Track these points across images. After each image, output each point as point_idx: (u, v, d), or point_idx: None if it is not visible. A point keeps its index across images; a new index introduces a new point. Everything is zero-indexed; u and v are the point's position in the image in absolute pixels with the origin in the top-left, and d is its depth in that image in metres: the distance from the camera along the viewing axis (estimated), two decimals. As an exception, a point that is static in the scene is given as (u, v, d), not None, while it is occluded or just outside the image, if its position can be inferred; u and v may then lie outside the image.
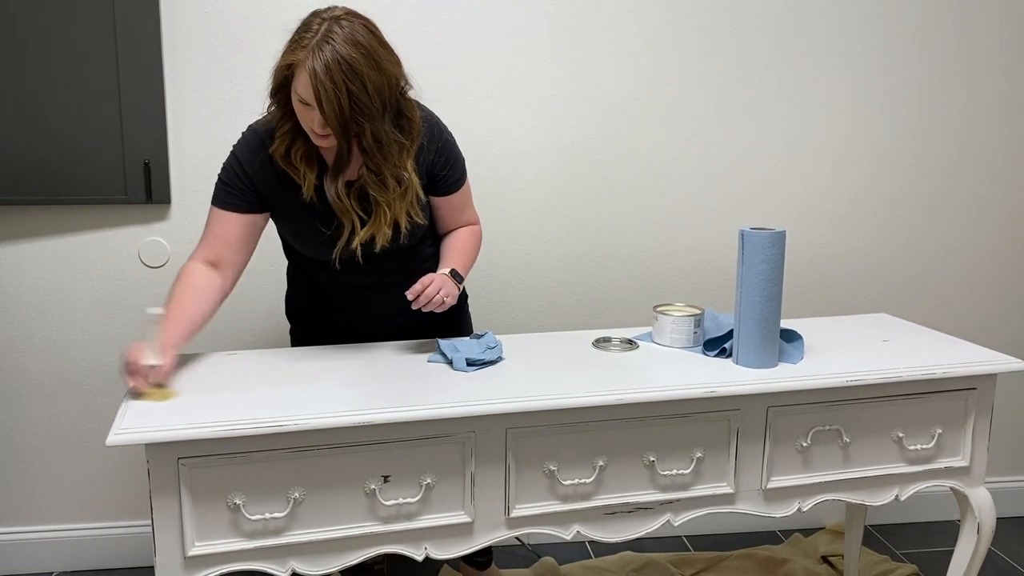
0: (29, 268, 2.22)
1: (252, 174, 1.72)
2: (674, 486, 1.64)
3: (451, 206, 1.87)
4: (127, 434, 1.36)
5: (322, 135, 1.61)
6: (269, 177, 1.72)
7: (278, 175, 1.72)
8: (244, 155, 1.73)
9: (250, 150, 1.72)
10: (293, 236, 1.82)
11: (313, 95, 1.54)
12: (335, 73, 1.53)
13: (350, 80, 1.54)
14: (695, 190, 2.44)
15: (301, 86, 1.57)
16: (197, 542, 1.42)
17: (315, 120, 1.58)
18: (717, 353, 1.78)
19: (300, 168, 1.69)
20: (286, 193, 1.73)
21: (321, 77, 1.52)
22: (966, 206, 2.58)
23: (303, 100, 1.58)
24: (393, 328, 1.89)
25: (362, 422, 1.43)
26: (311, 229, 1.75)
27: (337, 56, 1.53)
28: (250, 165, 1.72)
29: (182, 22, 2.16)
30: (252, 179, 1.72)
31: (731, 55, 2.38)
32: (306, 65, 1.54)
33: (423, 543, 1.53)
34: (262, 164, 1.71)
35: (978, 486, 1.81)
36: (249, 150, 1.73)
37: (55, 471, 2.33)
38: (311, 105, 1.57)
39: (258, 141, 1.72)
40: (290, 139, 1.68)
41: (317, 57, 1.53)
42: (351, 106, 1.55)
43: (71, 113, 2.11)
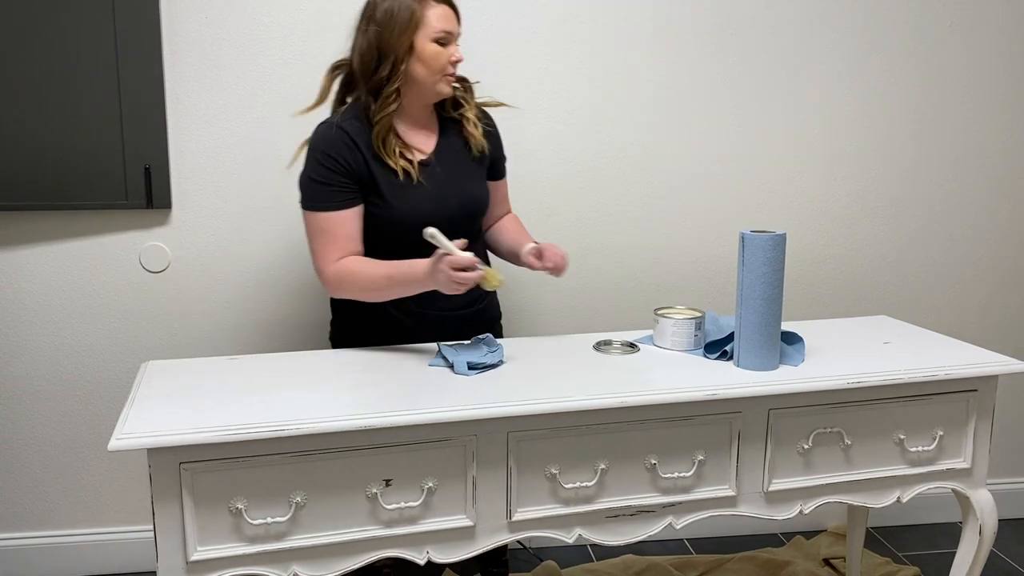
0: (30, 273, 2.22)
1: (342, 159, 1.77)
2: (676, 489, 1.63)
3: (499, 192, 2.02)
4: (129, 439, 1.36)
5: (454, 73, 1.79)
6: (357, 157, 1.78)
7: (363, 155, 1.78)
8: (334, 149, 1.77)
9: (330, 139, 1.78)
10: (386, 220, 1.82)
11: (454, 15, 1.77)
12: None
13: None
14: (695, 193, 2.44)
15: (440, 21, 1.75)
16: (199, 547, 1.42)
17: (457, 52, 1.78)
18: (718, 356, 1.78)
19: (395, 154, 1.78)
20: (372, 170, 1.79)
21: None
22: (966, 208, 2.58)
23: (442, 38, 1.75)
24: (451, 320, 1.90)
25: (364, 426, 1.43)
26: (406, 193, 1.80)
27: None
28: (337, 152, 1.77)
29: (182, 27, 2.16)
30: (345, 165, 1.77)
31: (731, 59, 2.39)
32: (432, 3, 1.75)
33: (425, 547, 1.53)
34: (347, 146, 1.77)
35: (980, 488, 1.81)
36: (329, 139, 1.78)
37: (57, 476, 2.33)
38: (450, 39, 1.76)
39: (334, 128, 1.79)
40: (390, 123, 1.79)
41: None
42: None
43: (72, 118, 2.11)
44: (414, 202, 1.81)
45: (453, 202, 1.86)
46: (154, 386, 1.60)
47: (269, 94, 2.22)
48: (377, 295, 1.79)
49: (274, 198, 2.27)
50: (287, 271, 2.31)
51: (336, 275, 1.77)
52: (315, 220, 1.78)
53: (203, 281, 2.28)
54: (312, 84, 2.23)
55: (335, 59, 2.12)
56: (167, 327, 2.29)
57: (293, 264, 2.31)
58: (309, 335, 2.34)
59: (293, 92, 2.23)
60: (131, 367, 2.27)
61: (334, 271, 1.77)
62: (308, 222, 1.80)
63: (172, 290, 2.27)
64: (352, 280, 1.77)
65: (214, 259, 2.27)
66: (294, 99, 2.23)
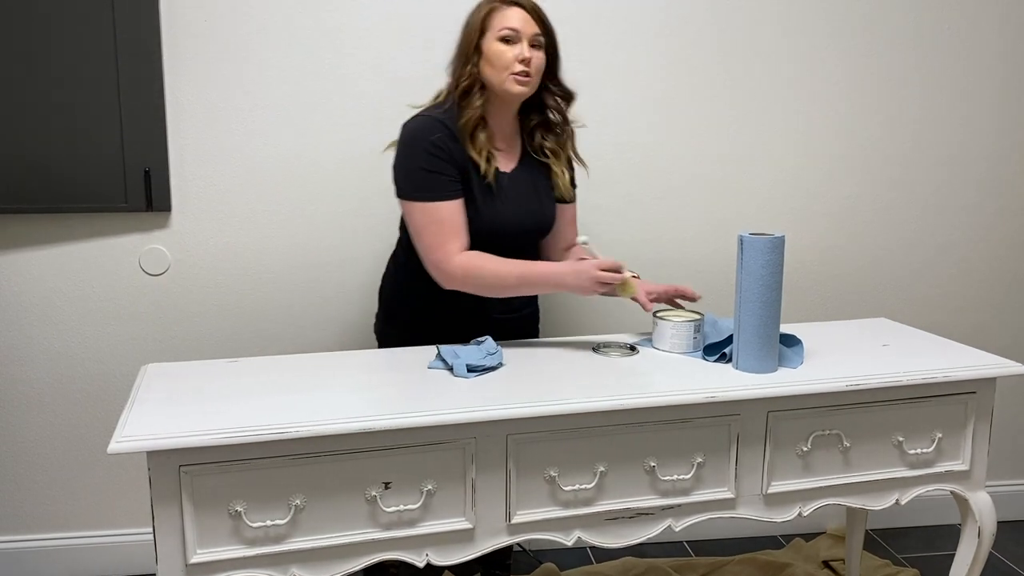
0: (29, 276, 2.22)
1: (447, 149, 1.78)
2: (675, 491, 1.64)
3: (567, 217, 2.01)
4: (128, 442, 1.36)
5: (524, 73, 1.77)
6: (455, 151, 1.79)
7: (460, 152, 1.80)
8: (428, 135, 1.78)
9: (431, 130, 1.78)
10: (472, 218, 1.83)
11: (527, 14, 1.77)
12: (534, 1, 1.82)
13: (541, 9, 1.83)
14: (694, 195, 2.44)
15: (509, 18, 1.77)
16: (199, 550, 1.42)
17: (524, 48, 1.76)
18: (717, 358, 1.78)
19: (482, 151, 1.79)
20: (470, 174, 1.81)
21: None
22: (965, 210, 2.58)
23: (509, 36, 1.76)
24: (514, 321, 1.96)
25: (363, 429, 1.43)
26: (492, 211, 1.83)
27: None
28: (440, 140, 1.78)
29: (182, 30, 2.17)
30: (453, 160, 1.78)
31: (729, 61, 2.39)
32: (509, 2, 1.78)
33: (424, 549, 1.53)
34: (447, 140, 1.78)
35: (978, 490, 1.81)
36: (430, 130, 1.78)
37: (56, 479, 2.33)
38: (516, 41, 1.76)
39: (435, 122, 1.80)
40: (476, 121, 1.80)
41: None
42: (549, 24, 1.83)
43: (71, 121, 2.12)
44: (496, 211, 1.84)
45: (529, 218, 1.90)
46: (154, 389, 1.60)
47: (269, 97, 2.23)
48: (501, 292, 1.82)
49: (274, 201, 2.27)
50: (287, 274, 2.31)
51: (464, 268, 1.77)
52: (428, 211, 1.77)
53: (203, 284, 2.28)
54: (311, 87, 2.25)
55: (335, 63, 2.14)
56: (167, 330, 2.29)
57: (293, 267, 2.31)
58: (309, 337, 2.34)
59: (293, 95, 2.23)
60: (131, 370, 2.27)
61: (461, 264, 1.77)
62: (417, 214, 1.78)
63: (172, 293, 2.27)
64: (480, 274, 1.77)
65: (214, 262, 2.28)
66: (294, 102, 2.24)
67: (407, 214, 1.83)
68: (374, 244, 2.31)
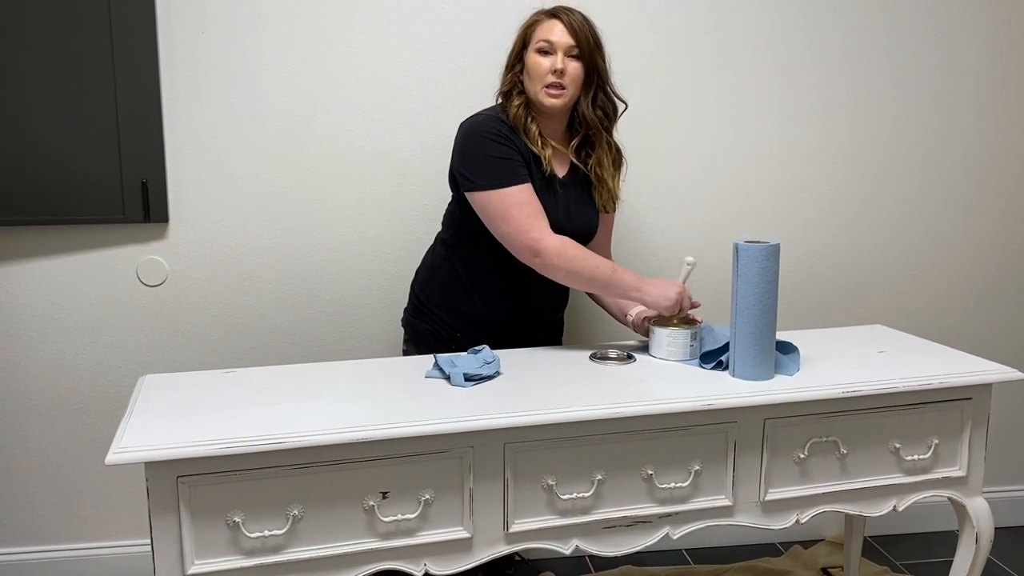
0: (27, 288, 2.22)
1: (509, 140, 1.84)
2: (672, 499, 1.64)
3: (609, 227, 2.09)
4: (126, 453, 1.36)
5: (557, 85, 1.82)
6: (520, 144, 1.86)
7: (519, 146, 1.85)
8: (493, 127, 1.84)
9: (493, 122, 1.85)
10: None
11: (564, 28, 1.82)
12: (579, 15, 1.86)
13: (590, 24, 1.87)
14: (690, 203, 2.45)
15: (545, 30, 1.84)
16: (197, 560, 1.42)
17: (557, 60, 1.81)
18: (714, 366, 1.78)
19: (536, 141, 1.85)
20: (530, 166, 1.86)
21: (570, 14, 1.85)
22: (961, 217, 2.59)
23: (546, 47, 1.82)
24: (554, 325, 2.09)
25: (360, 438, 1.44)
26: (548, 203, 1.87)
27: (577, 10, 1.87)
28: (503, 131, 1.84)
29: (179, 40, 2.18)
30: (517, 148, 1.85)
31: (726, 69, 2.40)
32: (551, 13, 1.85)
33: (422, 559, 1.53)
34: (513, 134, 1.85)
35: (976, 496, 1.82)
36: (492, 122, 1.85)
37: (54, 490, 2.33)
38: (551, 52, 1.82)
39: (493, 119, 1.87)
40: (525, 116, 1.86)
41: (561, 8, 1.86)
42: (593, 39, 1.85)
43: (68, 132, 2.12)
44: (554, 209, 1.89)
45: (577, 222, 1.95)
46: (151, 400, 1.60)
47: (266, 108, 2.23)
48: (587, 282, 1.86)
49: (271, 211, 2.28)
50: (284, 284, 2.31)
51: (560, 246, 1.81)
52: (508, 196, 1.81)
53: (200, 294, 2.28)
54: (308, 98, 2.25)
55: (332, 74, 2.14)
56: (164, 341, 2.29)
57: (290, 277, 2.31)
58: (307, 347, 2.34)
59: (290, 106, 2.24)
60: (128, 381, 2.27)
61: (557, 242, 1.81)
62: (496, 202, 1.81)
63: (169, 304, 2.28)
64: (574, 257, 1.82)
65: (211, 272, 2.28)
66: (291, 113, 2.25)
67: (483, 206, 1.84)
68: (372, 254, 2.32)
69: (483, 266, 1.96)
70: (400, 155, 2.31)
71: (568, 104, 1.88)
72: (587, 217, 1.99)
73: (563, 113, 1.92)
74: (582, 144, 1.95)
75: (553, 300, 2.04)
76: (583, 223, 1.98)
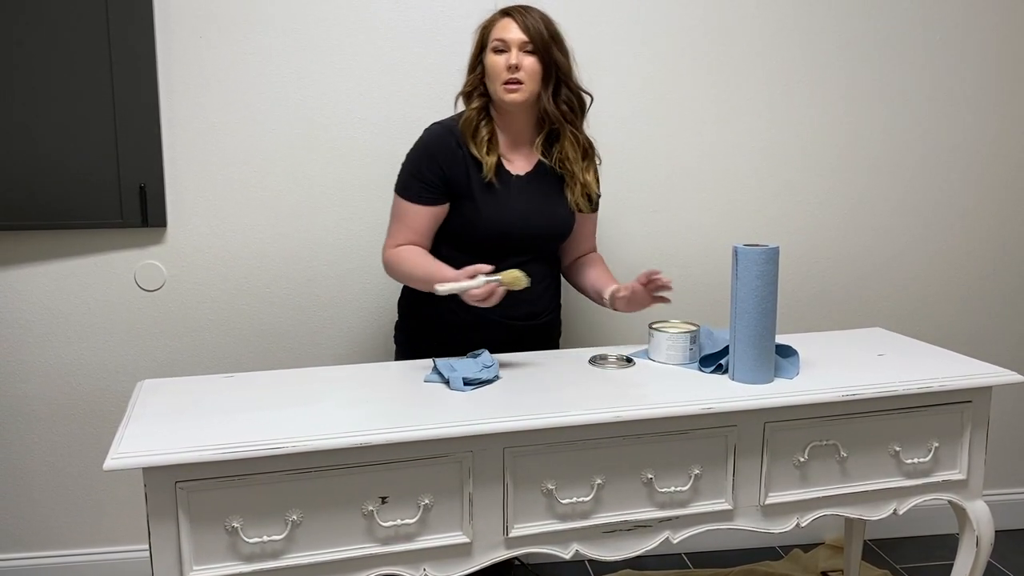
0: (25, 293, 2.22)
1: (441, 158, 1.87)
2: (672, 503, 1.63)
3: (588, 227, 2.06)
4: (124, 458, 1.36)
5: (514, 81, 1.81)
6: (457, 158, 1.88)
7: (465, 156, 1.88)
8: (432, 142, 1.90)
9: (436, 138, 1.90)
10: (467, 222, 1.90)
11: (515, 24, 1.83)
12: (534, 12, 1.86)
13: (547, 21, 1.86)
14: (689, 206, 2.45)
15: (498, 29, 1.85)
16: (195, 566, 1.42)
17: (511, 56, 1.81)
18: (713, 369, 1.78)
19: (482, 148, 1.87)
20: (470, 174, 1.87)
21: (522, 12, 1.85)
22: (960, 219, 2.59)
23: (499, 45, 1.83)
24: (535, 329, 1.99)
25: (360, 443, 1.43)
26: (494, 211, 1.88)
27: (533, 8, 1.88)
28: (438, 150, 1.88)
29: (177, 45, 2.17)
30: (440, 165, 1.87)
31: (725, 73, 2.40)
32: (504, 11, 1.86)
33: (422, 564, 1.52)
34: (450, 147, 1.88)
35: (976, 499, 1.81)
36: (435, 138, 1.90)
37: (52, 496, 2.32)
38: (505, 50, 1.82)
39: (444, 130, 1.91)
40: (476, 119, 1.88)
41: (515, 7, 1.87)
42: (549, 34, 1.85)
43: (66, 137, 2.12)
44: (499, 210, 1.88)
45: (538, 221, 1.93)
46: (150, 405, 1.59)
47: (264, 112, 2.23)
48: (416, 285, 1.88)
49: (270, 215, 2.27)
50: (283, 289, 2.31)
51: (391, 257, 1.90)
52: (397, 204, 1.92)
53: (199, 299, 2.28)
54: (306, 101, 2.25)
55: (331, 77, 2.13)
56: (163, 345, 2.29)
57: (289, 282, 2.31)
58: (306, 352, 2.34)
59: (288, 111, 2.24)
60: (127, 386, 2.26)
61: (391, 254, 1.90)
62: (393, 203, 1.93)
63: (167, 308, 2.27)
64: (400, 264, 1.88)
65: (210, 277, 2.28)
66: (288, 118, 2.25)
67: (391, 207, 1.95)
68: (371, 258, 2.31)
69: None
70: (400, 159, 2.30)
71: (529, 99, 1.86)
72: (555, 216, 1.95)
73: (527, 110, 1.89)
74: (549, 140, 1.94)
75: (527, 307, 1.95)
76: (549, 222, 1.95)
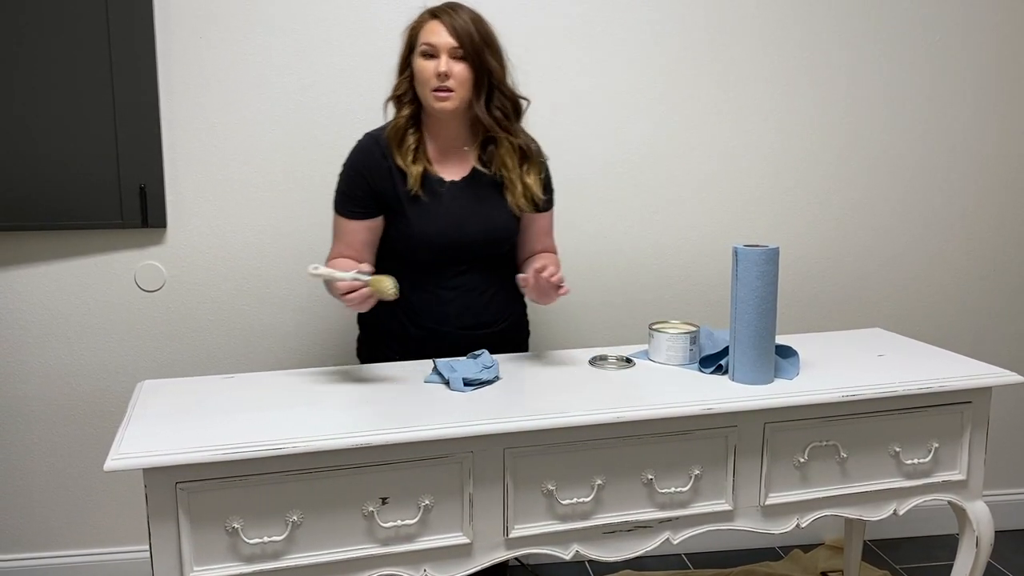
0: (25, 294, 2.22)
1: (367, 174, 1.83)
2: (672, 504, 1.63)
3: (539, 226, 1.97)
4: (125, 459, 1.36)
5: (443, 88, 1.75)
6: (383, 171, 1.83)
7: (391, 169, 1.83)
8: (359, 158, 1.86)
9: (363, 151, 1.86)
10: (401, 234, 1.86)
11: (444, 28, 1.74)
12: (464, 13, 1.78)
13: (478, 22, 1.78)
14: (689, 207, 2.45)
15: (427, 32, 1.76)
16: (196, 567, 1.42)
17: (441, 62, 1.74)
18: (713, 370, 1.78)
19: (407, 157, 1.81)
20: (398, 187, 1.83)
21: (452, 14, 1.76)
22: (960, 219, 2.59)
23: (428, 49, 1.75)
24: (482, 339, 1.91)
25: (360, 444, 1.43)
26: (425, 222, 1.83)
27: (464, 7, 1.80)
28: (365, 166, 1.84)
29: (177, 46, 2.17)
30: (368, 180, 1.83)
31: (725, 74, 2.40)
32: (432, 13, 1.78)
33: (422, 565, 1.52)
34: (376, 161, 1.84)
35: (976, 499, 1.81)
36: (363, 151, 1.86)
37: (52, 497, 2.32)
38: (435, 55, 1.74)
39: (371, 141, 1.86)
40: (403, 127, 1.82)
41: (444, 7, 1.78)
42: (481, 37, 1.77)
43: (66, 138, 2.12)
44: (429, 219, 1.84)
45: (475, 227, 1.87)
46: (150, 405, 1.59)
47: (264, 113, 2.23)
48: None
49: (270, 216, 2.27)
50: (283, 289, 2.31)
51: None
52: (334, 219, 1.89)
53: (198, 300, 2.28)
54: (306, 102, 2.25)
55: (331, 78, 2.13)
56: (163, 346, 2.29)
57: (289, 282, 2.31)
58: (305, 353, 2.34)
59: (288, 111, 2.24)
60: (127, 386, 2.26)
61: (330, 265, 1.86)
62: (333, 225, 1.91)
63: (168, 309, 2.27)
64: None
65: (209, 278, 2.27)
66: (289, 118, 2.24)
67: None
68: (370, 259, 2.31)
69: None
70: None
71: (460, 106, 1.79)
72: (492, 221, 1.88)
73: (459, 116, 1.82)
74: (486, 144, 1.87)
75: (471, 318, 1.89)
76: (486, 227, 1.87)
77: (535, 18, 2.30)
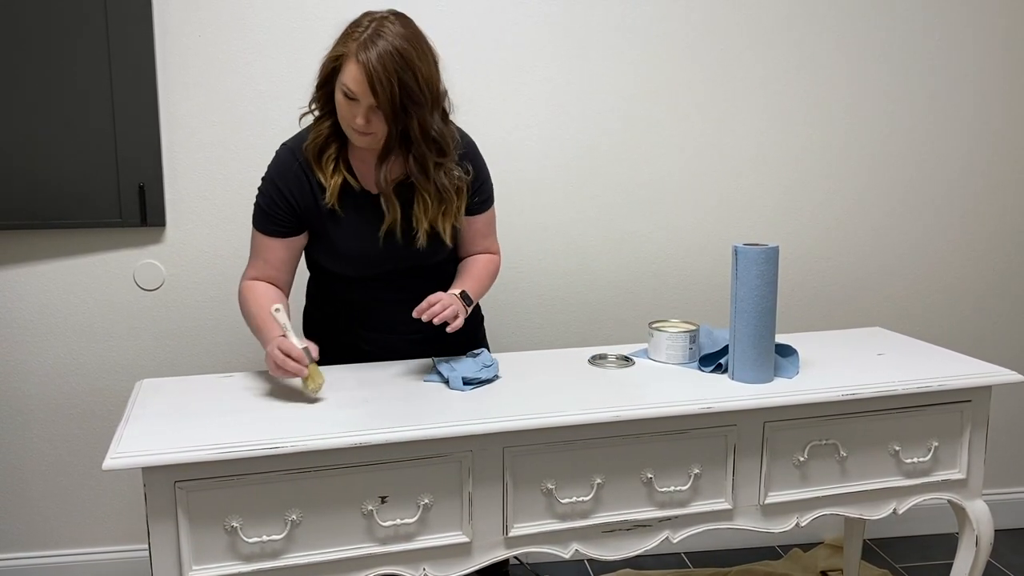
0: (24, 293, 2.22)
1: (287, 191, 1.74)
2: (672, 503, 1.63)
3: (474, 228, 1.87)
4: (124, 458, 1.36)
5: (364, 132, 1.64)
6: (304, 187, 1.75)
7: (311, 184, 1.74)
8: (277, 173, 1.76)
9: (282, 166, 1.76)
10: (326, 250, 1.81)
11: (365, 83, 1.58)
12: (387, 62, 1.58)
13: (402, 70, 1.59)
14: (688, 206, 2.45)
15: (349, 77, 1.60)
16: (195, 566, 1.42)
17: (359, 112, 1.62)
18: (713, 369, 1.78)
19: (327, 170, 1.72)
20: (319, 203, 1.74)
21: (374, 64, 1.57)
22: (960, 219, 2.59)
23: (349, 93, 1.61)
24: (406, 344, 1.87)
25: (359, 443, 1.43)
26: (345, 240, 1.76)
27: (389, 47, 1.59)
28: (284, 182, 1.75)
29: (176, 44, 2.17)
30: (287, 197, 1.74)
31: (724, 73, 2.40)
32: (357, 56, 1.59)
33: (422, 564, 1.52)
34: (295, 176, 1.74)
35: (975, 498, 1.81)
36: (281, 167, 1.76)
37: (51, 496, 2.32)
38: (356, 100, 1.61)
39: (290, 155, 1.76)
40: (324, 140, 1.72)
41: (369, 48, 1.58)
42: (403, 94, 1.60)
43: (65, 136, 2.12)
44: (358, 238, 1.76)
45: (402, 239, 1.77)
46: (149, 404, 1.59)
47: (263, 112, 2.23)
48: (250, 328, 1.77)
49: (268, 215, 2.27)
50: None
51: (242, 291, 1.79)
52: (252, 233, 1.80)
53: (198, 298, 2.28)
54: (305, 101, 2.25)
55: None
56: (162, 345, 2.28)
57: (288, 281, 2.31)
58: (304, 352, 2.34)
59: (287, 110, 2.24)
60: (126, 385, 2.26)
61: (242, 286, 1.79)
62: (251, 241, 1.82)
63: (167, 308, 2.27)
64: (244, 303, 1.77)
65: (208, 276, 2.27)
66: (288, 117, 2.24)
67: None
68: (369, 257, 2.31)
69: (322, 293, 1.91)
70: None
71: (383, 140, 1.67)
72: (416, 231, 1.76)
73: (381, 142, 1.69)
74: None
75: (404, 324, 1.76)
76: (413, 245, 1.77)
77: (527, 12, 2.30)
